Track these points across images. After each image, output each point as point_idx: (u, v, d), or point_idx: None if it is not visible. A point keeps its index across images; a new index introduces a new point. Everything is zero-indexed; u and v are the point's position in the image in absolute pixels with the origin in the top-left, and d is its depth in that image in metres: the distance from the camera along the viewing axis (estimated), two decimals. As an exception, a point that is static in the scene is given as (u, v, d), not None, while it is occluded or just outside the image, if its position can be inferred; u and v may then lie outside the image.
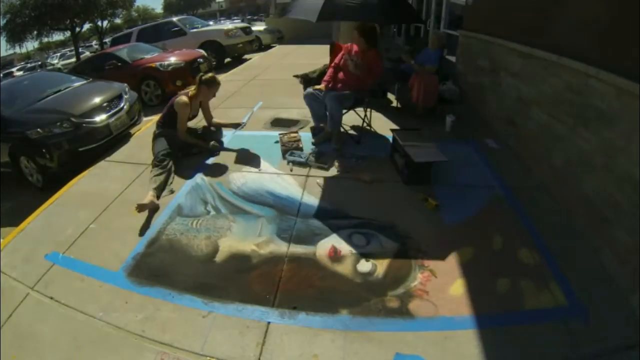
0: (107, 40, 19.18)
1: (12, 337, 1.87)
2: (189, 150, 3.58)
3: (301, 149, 3.55)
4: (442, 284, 2.05)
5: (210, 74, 3.66)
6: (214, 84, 3.59)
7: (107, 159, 3.80)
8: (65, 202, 3.07)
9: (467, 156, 3.42)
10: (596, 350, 1.69)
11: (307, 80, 4.96)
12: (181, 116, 3.44)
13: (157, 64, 6.48)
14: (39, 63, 20.54)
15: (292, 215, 2.66)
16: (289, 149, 3.53)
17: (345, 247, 2.33)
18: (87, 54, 20.50)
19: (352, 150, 3.50)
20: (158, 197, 2.91)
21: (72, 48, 21.53)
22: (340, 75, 3.64)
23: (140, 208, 2.69)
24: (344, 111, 3.59)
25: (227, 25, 11.27)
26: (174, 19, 10.78)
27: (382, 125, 4.09)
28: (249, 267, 2.23)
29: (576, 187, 2.47)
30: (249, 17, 32.30)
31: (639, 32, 1.93)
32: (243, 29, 10.34)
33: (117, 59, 6.96)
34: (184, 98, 3.44)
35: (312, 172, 3.20)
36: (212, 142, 3.69)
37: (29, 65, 21.05)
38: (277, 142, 3.73)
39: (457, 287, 2.03)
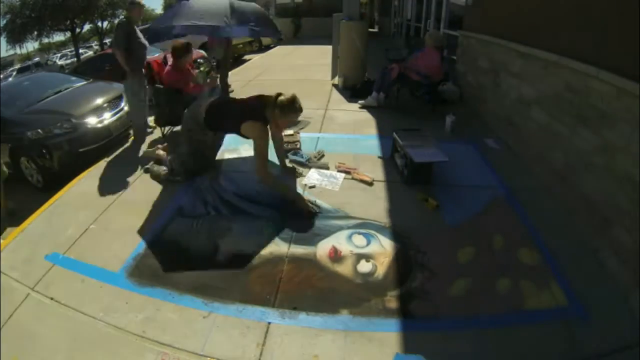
0: (107, 40, 19.21)
1: (12, 337, 1.87)
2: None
3: (299, 150, 3.56)
4: (442, 284, 2.05)
5: (287, 97, 2.67)
6: (291, 112, 2.69)
7: (107, 159, 3.80)
8: (66, 202, 3.07)
9: (467, 156, 3.42)
10: (596, 350, 1.68)
11: None
12: (260, 150, 2.61)
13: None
14: (36, 62, 20.46)
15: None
16: (288, 150, 3.53)
17: (345, 248, 2.33)
18: (90, 53, 20.50)
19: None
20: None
21: (73, 48, 21.52)
22: None
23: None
24: None
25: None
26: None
27: (382, 125, 4.10)
28: (250, 267, 2.23)
29: (576, 187, 2.47)
30: None
31: (639, 31, 1.93)
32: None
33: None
34: (258, 124, 2.58)
35: (312, 173, 3.19)
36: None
37: (22, 65, 20.87)
38: (277, 142, 3.73)
39: (457, 287, 2.03)
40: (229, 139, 3.82)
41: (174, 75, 3.83)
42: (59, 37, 21.91)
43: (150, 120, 4.28)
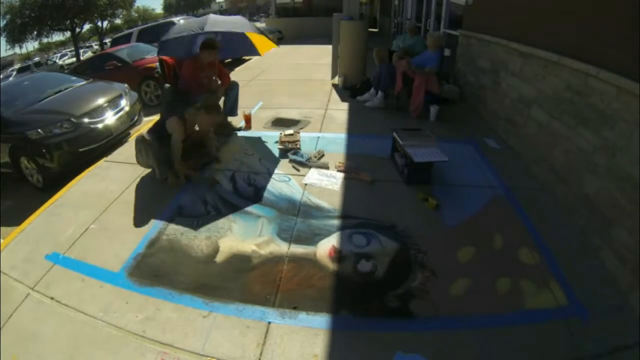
0: (107, 40, 19.22)
1: (12, 337, 1.87)
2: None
3: (299, 149, 3.56)
4: (442, 284, 2.05)
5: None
6: (214, 110, 3.19)
7: (107, 159, 3.80)
8: (66, 202, 3.07)
9: (467, 156, 3.42)
10: (596, 350, 1.69)
11: None
12: (175, 140, 3.02)
13: (158, 64, 6.48)
14: (36, 62, 20.39)
15: (292, 215, 2.67)
16: (288, 149, 3.54)
17: (345, 247, 2.33)
18: (90, 53, 20.54)
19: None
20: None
21: (73, 48, 21.55)
22: None
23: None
24: None
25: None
26: (175, 19, 10.79)
27: (382, 125, 4.09)
28: (250, 267, 2.23)
29: (576, 187, 2.47)
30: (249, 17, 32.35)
31: (639, 31, 1.93)
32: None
33: (118, 59, 6.97)
34: (176, 119, 3.02)
35: (312, 172, 3.19)
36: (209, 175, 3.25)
37: (22, 65, 20.79)
38: (277, 142, 3.73)
39: (457, 287, 2.03)
40: (229, 139, 3.83)
41: (190, 68, 3.71)
42: (58, 37, 21.94)
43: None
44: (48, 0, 16.22)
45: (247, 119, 4.35)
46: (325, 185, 2.99)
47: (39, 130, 3.64)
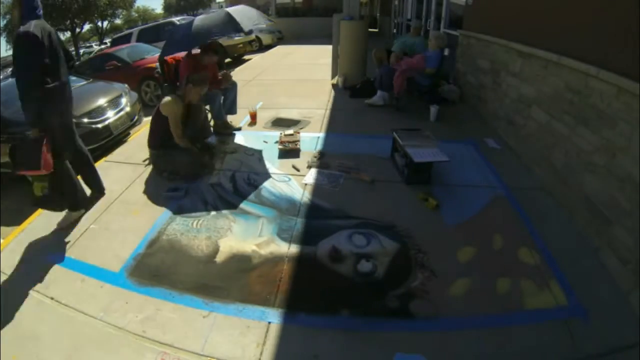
0: (107, 40, 19.22)
1: (12, 337, 1.87)
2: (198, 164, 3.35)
3: (299, 149, 3.56)
4: (442, 284, 2.05)
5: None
6: (201, 82, 3.29)
7: (107, 159, 3.80)
8: (66, 202, 3.07)
9: (467, 156, 3.43)
10: (596, 350, 1.68)
11: None
12: (172, 119, 3.13)
13: (158, 64, 6.48)
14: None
15: (292, 215, 2.67)
16: (288, 149, 3.54)
17: (345, 247, 2.33)
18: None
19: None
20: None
21: (73, 48, 21.55)
22: None
23: None
24: None
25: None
26: (175, 19, 10.81)
27: (382, 125, 4.09)
28: (250, 267, 2.23)
29: (576, 187, 2.47)
30: None
31: (639, 31, 1.93)
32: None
33: (118, 59, 6.97)
34: (168, 98, 3.16)
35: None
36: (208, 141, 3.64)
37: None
38: (277, 142, 3.74)
39: (457, 287, 2.03)
40: (229, 139, 3.82)
41: (188, 67, 3.69)
42: (58, 37, 21.92)
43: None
44: (48, 0, 16.22)
45: (253, 116, 4.46)
46: (325, 185, 2.99)
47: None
